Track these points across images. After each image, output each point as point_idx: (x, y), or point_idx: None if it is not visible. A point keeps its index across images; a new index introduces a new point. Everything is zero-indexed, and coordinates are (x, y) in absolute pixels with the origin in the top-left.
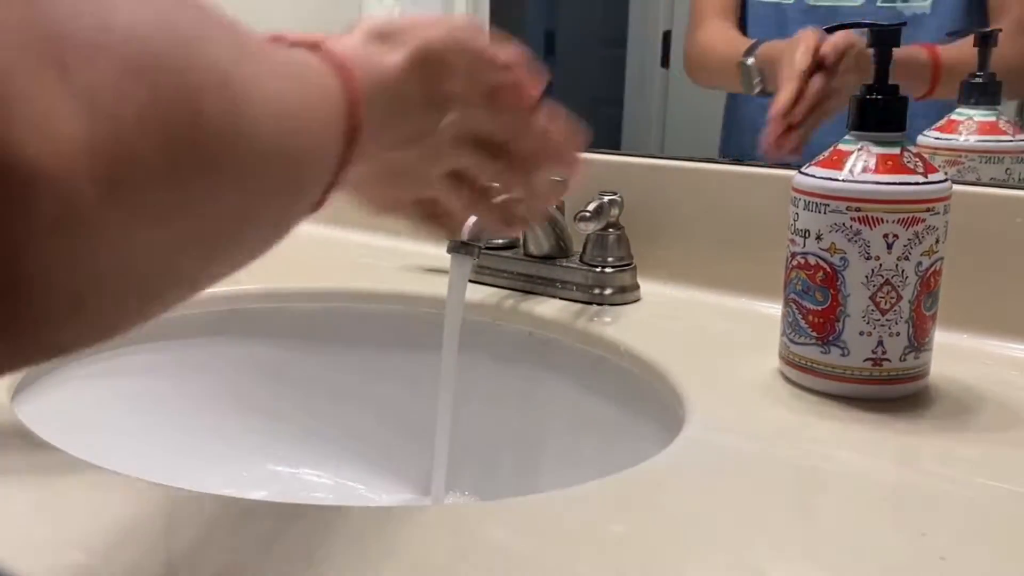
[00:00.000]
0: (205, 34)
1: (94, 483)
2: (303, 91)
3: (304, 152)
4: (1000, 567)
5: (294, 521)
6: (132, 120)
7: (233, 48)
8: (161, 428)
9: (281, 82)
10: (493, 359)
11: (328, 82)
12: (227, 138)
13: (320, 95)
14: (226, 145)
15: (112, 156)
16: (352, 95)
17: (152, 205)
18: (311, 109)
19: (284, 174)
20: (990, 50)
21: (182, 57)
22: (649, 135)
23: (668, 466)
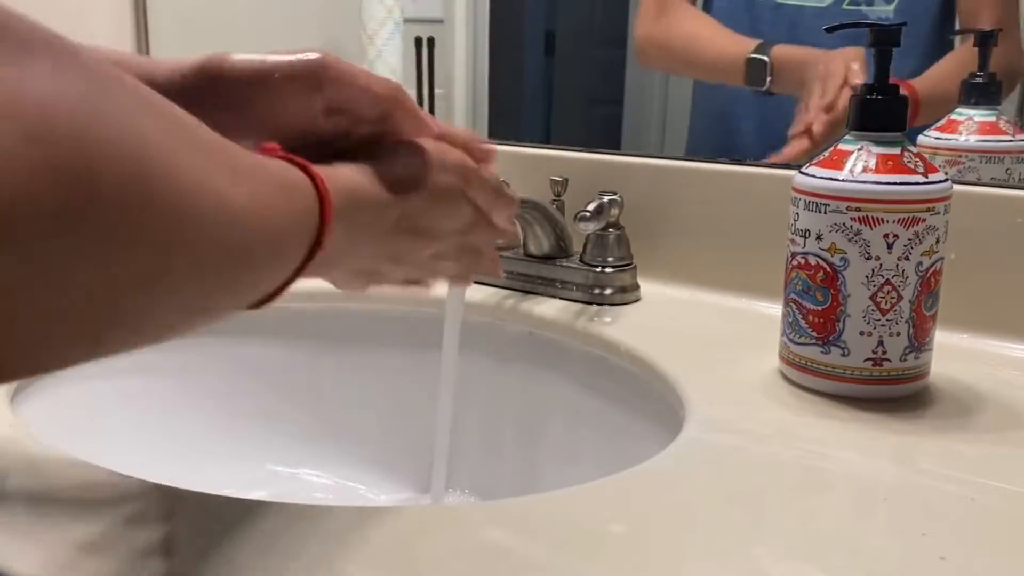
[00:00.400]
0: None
1: (94, 483)
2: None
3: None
4: (1000, 567)
5: (294, 521)
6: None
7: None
8: (161, 428)
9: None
10: (493, 359)
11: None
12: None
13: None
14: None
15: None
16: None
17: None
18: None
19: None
20: (990, 50)
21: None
22: (649, 135)
23: (668, 466)
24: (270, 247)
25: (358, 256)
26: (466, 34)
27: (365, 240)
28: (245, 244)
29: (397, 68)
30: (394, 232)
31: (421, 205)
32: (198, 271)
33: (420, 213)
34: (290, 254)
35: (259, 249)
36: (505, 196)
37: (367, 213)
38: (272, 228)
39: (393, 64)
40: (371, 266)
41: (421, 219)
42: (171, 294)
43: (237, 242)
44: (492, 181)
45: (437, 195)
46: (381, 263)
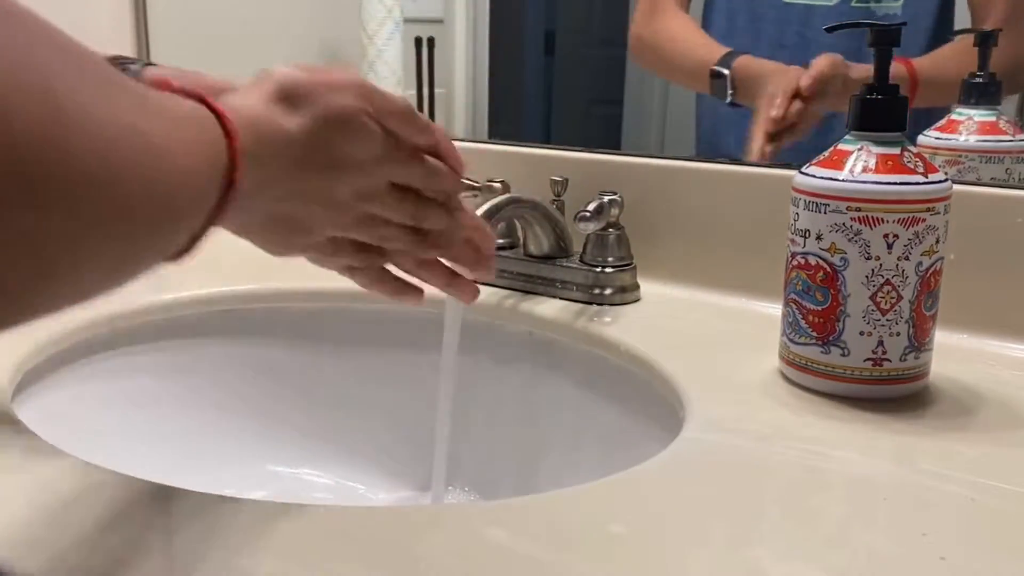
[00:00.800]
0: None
1: (94, 483)
2: (175, 133)
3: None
4: (1000, 567)
5: (294, 521)
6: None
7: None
8: (161, 428)
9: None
10: (493, 359)
11: (208, 134)
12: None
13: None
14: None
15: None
16: (232, 150)
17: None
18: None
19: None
20: (990, 50)
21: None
22: (649, 135)
23: (668, 466)
24: (187, 183)
25: (272, 195)
26: (466, 34)
27: (273, 175)
28: (164, 180)
29: (397, 68)
30: (301, 163)
31: (323, 131)
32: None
33: (325, 139)
34: (206, 191)
35: (177, 185)
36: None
37: (271, 145)
38: (187, 163)
39: (393, 64)
40: (289, 209)
41: (328, 144)
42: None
43: (156, 178)
44: (399, 104)
45: (337, 117)
46: (297, 204)
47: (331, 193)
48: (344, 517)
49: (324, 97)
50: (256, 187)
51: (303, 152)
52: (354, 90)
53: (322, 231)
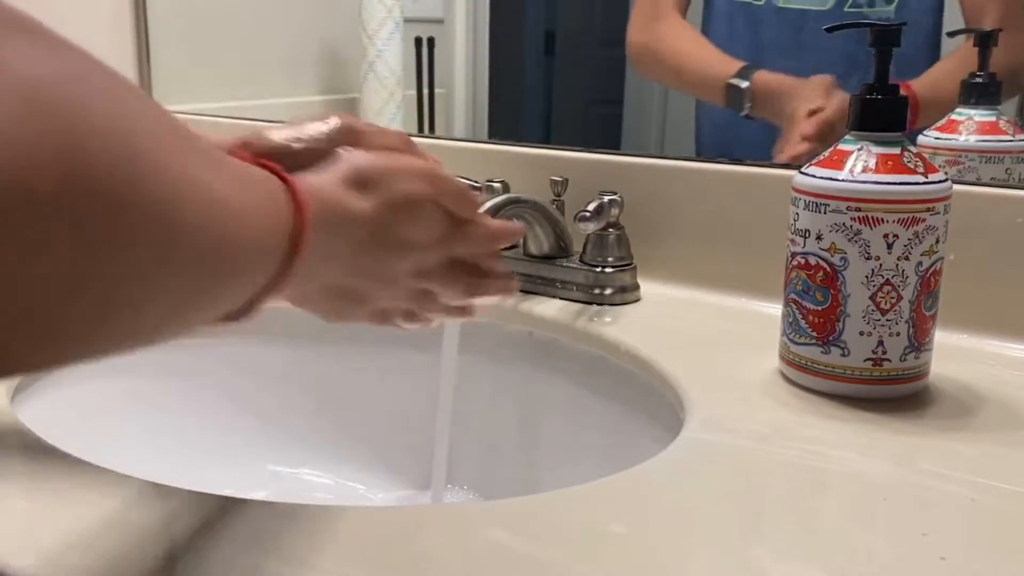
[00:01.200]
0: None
1: (94, 483)
2: (244, 195)
3: (227, 247)
4: (1000, 567)
5: (294, 521)
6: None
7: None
8: (161, 428)
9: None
10: (493, 359)
11: (277, 202)
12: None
13: (263, 208)
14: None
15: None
16: (300, 221)
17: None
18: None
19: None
20: (990, 50)
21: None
22: (649, 135)
23: (668, 466)
24: (250, 247)
25: (332, 270)
26: (466, 34)
27: (337, 252)
28: (227, 240)
29: (397, 68)
30: (366, 244)
31: (390, 213)
32: (183, 264)
33: (390, 222)
34: (267, 260)
35: (240, 248)
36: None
37: (338, 222)
38: (253, 227)
39: (393, 64)
40: (348, 283)
41: (391, 228)
42: (155, 288)
43: (221, 237)
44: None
45: (404, 202)
46: (358, 280)
47: (391, 271)
48: (344, 517)
49: (393, 183)
50: (320, 260)
51: (369, 233)
52: (422, 176)
53: (377, 303)
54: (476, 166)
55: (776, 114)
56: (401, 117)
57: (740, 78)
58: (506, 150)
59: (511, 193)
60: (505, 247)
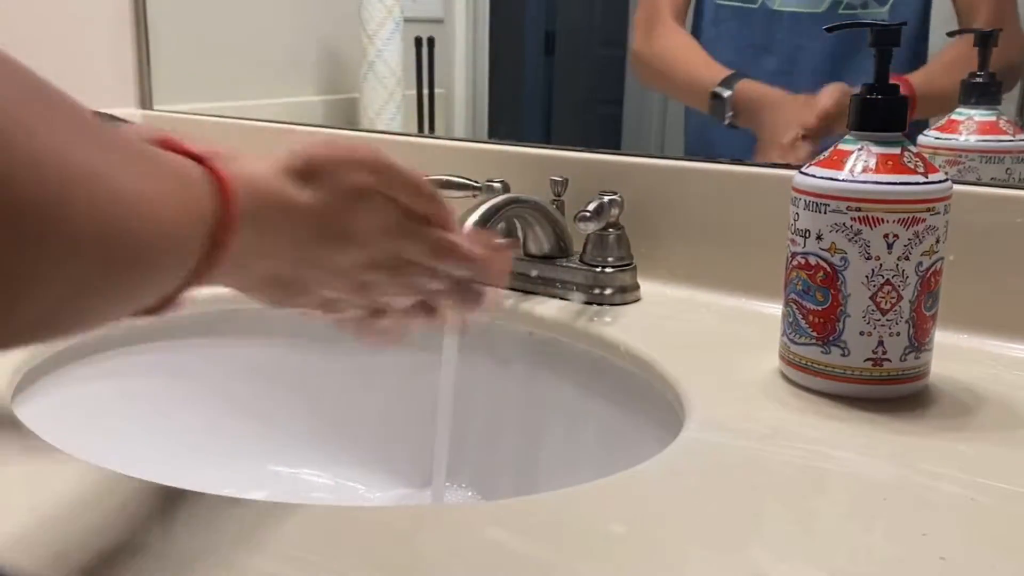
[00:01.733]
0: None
1: (93, 483)
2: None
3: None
4: (1000, 567)
5: (293, 521)
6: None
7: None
8: (161, 428)
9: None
10: (493, 359)
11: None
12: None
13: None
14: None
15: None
16: (225, 213)
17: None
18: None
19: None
20: (990, 49)
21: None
22: (649, 135)
23: (668, 466)
24: (163, 240)
25: (270, 262)
26: (466, 34)
27: (275, 244)
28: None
29: (397, 68)
30: (307, 236)
31: (334, 206)
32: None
33: (333, 214)
34: (186, 251)
35: (150, 240)
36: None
37: (275, 214)
38: (165, 218)
39: (393, 64)
40: (289, 273)
41: (337, 219)
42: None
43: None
44: (413, 177)
45: (349, 193)
46: (300, 270)
47: (335, 262)
48: (344, 517)
49: (339, 173)
50: (255, 251)
51: (311, 224)
52: (370, 166)
53: (320, 292)
54: (476, 166)
55: (756, 125)
56: (401, 117)
57: (723, 87)
58: (506, 150)
59: (511, 193)
60: None
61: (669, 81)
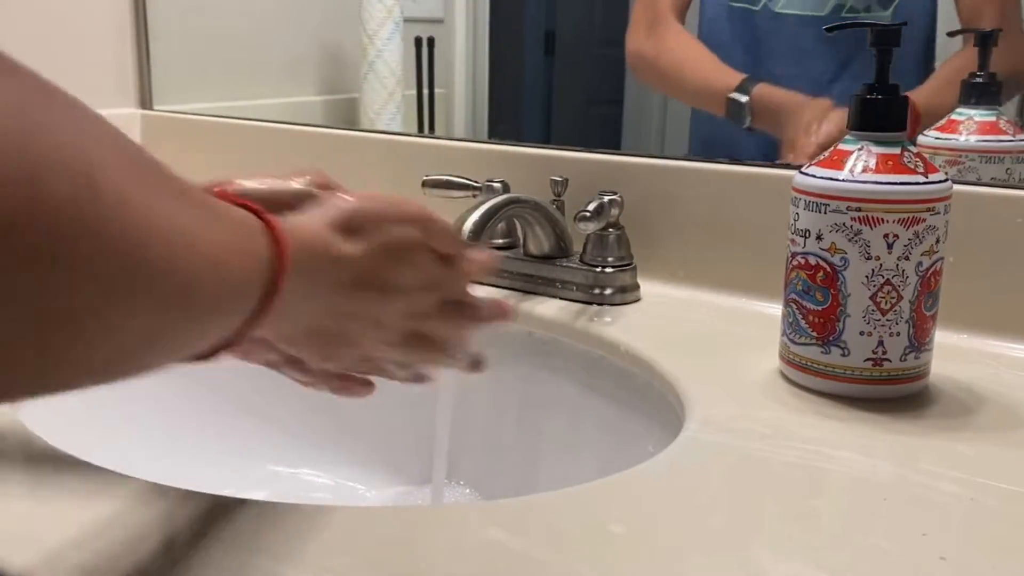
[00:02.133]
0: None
1: (93, 483)
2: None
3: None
4: (1000, 567)
5: (293, 521)
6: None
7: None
8: (160, 428)
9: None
10: (493, 359)
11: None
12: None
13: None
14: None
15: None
16: (279, 260)
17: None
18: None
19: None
20: (990, 49)
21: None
22: (649, 135)
23: (668, 466)
24: (223, 288)
25: (314, 310)
26: (466, 34)
27: (321, 293)
28: (197, 280)
29: (397, 68)
30: (351, 286)
31: (379, 258)
32: (145, 302)
33: (378, 266)
34: (242, 299)
35: (210, 287)
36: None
37: (322, 264)
38: (227, 268)
39: (393, 64)
40: (331, 324)
41: (380, 272)
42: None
43: (189, 277)
44: (450, 230)
45: (394, 247)
46: (342, 322)
47: (378, 315)
48: (344, 517)
49: (384, 229)
50: (300, 300)
51: (355, 276)
52: (414, 223)
53: (364, 347)
54: (476, 166)
55: (776, 129)
56: (401, 117)
57: (740, 92)
58: (506, 150)
59: (511, 193)
60: (505, 247)
61: (676, 83)
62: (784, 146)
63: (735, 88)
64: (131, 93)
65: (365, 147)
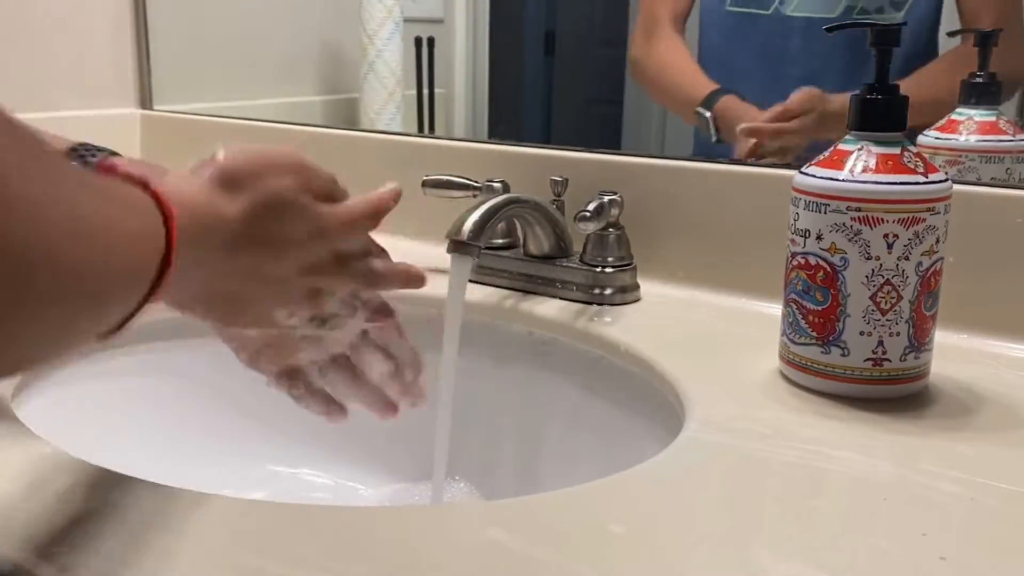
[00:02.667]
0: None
1: (93, 483)
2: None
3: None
4: (1000, 567)
5: (293, 521)
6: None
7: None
8: (161, 428)
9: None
10: (493, 359)
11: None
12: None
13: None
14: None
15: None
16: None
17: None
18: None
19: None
20: (990, 50)
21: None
22: (649, 135)
23: (668, 466)
24: (122, 265)
25: (205, 275)
26: (466, 34)
27: (209, 257)
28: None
29: (397, 68)
30: (238, 245)
31: (261, 212)
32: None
33: (262, 220)
34: (141, 272)
35: (112, 267)
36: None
37: (208, 227)
38: (123, 245)
39: (393, 64)
40: (227, 287)
41: (265, 226)
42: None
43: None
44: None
45: (275, 199)
46: (238, 283)
47: (271, 271)
48: (344, 517)
49: (262, 180)
50: (189, 265)
51: (240, 233)
52: (291, 171)
53: (266, 307)
54: (476, 166)
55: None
56: (401, 117)
57: (705, 106)
58: (506, 150)
59: (511, 193)
60: (505, 247)
61: (660, 90)
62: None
63: (701, 102)
64: (131, 93)
65: (365, 147)
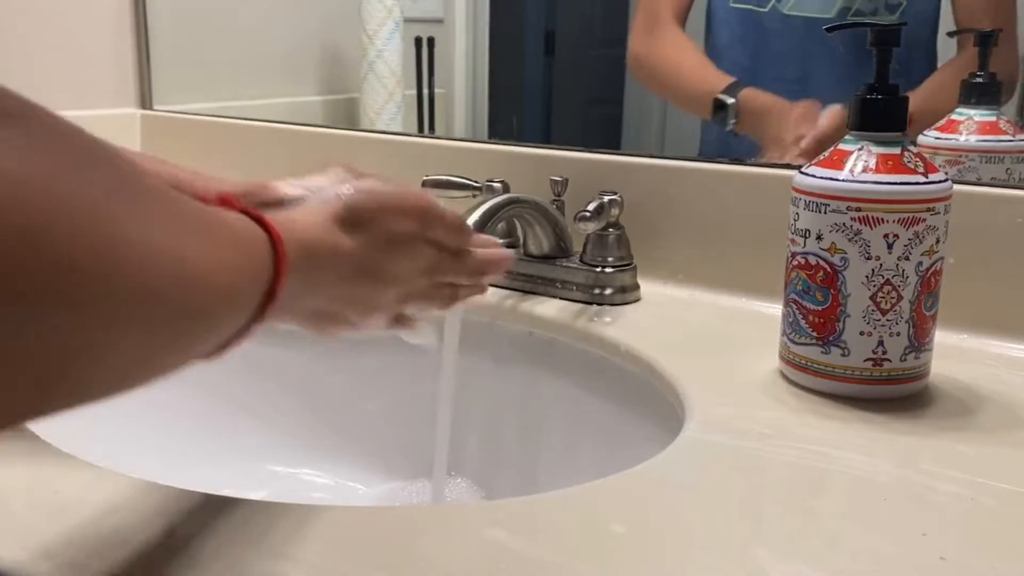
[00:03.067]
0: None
1: (94, 483)
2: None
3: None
4: (1000, 567)
5: (293, 521)
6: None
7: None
8: (160, 428)
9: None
10: (493, 359)
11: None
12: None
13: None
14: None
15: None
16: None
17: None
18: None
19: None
20: (990, 50)
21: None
22: (649, 135)
23: (668, 466)
24: (223, 303)
25: (312, 302)
26: (466, 34)
27: (320, 288)
28: (196, 302)
29: (397, 68)
30: (351, 278)
31: (378, 250)
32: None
33: (377, 260)
34: (243, 308)
35: (212, 305)
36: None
37: (322, 261)
38: (226, 285)
39: (393, 64)
40: (330, 309)
41: (379, 265)
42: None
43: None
44: (454, 221)
45: (393, 240)
46: (340, 307)
47: (372, 300)
48: (344, 517)
49: (384, 222)
50: (300, 296)
51: (354, 268)
52: (413, 214)
53: (355, 322)
54: (476, 166)
55: (759, 133)
56: (401, 117)
57: (727, 94)
58: (506, 150)
59: (511, 193)
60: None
61: (669, 85)
62: (767, 147)
63: (723, 90)
64: (131, 93)
65: (365, 147)
